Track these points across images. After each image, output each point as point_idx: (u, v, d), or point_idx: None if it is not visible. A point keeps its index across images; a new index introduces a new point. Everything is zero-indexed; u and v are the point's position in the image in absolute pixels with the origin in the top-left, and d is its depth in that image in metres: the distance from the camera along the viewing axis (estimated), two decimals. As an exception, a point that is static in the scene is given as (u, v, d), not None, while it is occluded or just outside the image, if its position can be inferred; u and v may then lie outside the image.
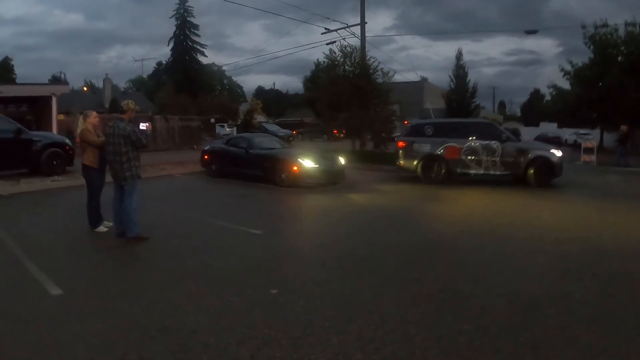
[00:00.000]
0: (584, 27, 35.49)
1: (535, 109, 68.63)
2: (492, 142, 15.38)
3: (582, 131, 42.19)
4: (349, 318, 4.92)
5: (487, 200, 13.24)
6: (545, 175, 15.30)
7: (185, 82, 54.20)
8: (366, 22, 26.76)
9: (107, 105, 44.14)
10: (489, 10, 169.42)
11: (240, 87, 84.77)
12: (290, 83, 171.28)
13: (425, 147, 15.72)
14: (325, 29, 27.73)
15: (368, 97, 23.72)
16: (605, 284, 6.32)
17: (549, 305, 5.43)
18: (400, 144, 16.18)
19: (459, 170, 15.62)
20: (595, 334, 4.71)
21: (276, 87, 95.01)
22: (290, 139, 36.89)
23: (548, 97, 49.51)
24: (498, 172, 15.45)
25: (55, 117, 23.88)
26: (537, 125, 65.35)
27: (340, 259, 7.24)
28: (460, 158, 15.47)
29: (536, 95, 79.99)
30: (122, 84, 77.35)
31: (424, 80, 61.47)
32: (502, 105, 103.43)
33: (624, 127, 24.21)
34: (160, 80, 62.74)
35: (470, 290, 5.88)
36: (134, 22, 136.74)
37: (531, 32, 30.24)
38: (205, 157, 17.33)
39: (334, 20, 52.53)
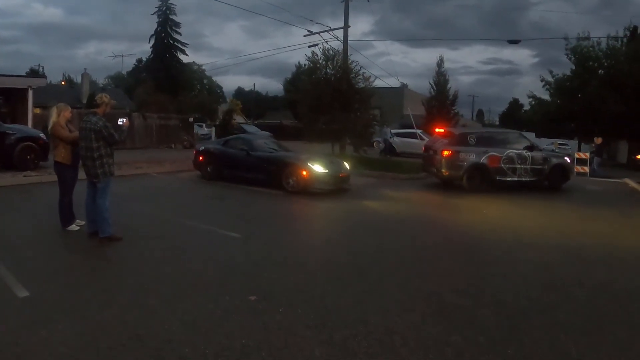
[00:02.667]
0: (566, 39, 36.01)
1: (514, 118, 69.33)
2: (524, 151, 16.49)
3: (559, 141, 42.69)
4: (332, 327, 4.72)
5: (471, 207, 13.18)
6: (562, 180, 17.29)
7: (165, 80, 53.59)
8: (349, 26, 26.74)
9: (84, 101, 43.33)
10: (466, 19, 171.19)
11: (220, 88, 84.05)
12: (268, 85, 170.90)
13: (471, 157, 15.87)
14: (308, 31, 27.70)
15: (349, 101, 23.59)
16: (592, 294, 6.27)
17: (537, 316, 5.34)
18: (446, 153, 15.88)
19: (497, 178, 16.16)
20: (585, 345, 4.63)
21: (256, 89, 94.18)
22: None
23: (527, 107, 50.12)
24: (528, 179, 16.53)
25: (31, 110, 23.38)
26: (515, 134, 65.75)
27: (322, 265, 7.06)
28: (500, 166, 16.07)
29: (515, 104, 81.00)
30: (101, 80, 76.25)
31: (404, 86, 61.65)
32: (480, 113, 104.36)
33: (598, 140, 24.70)
34: (139, 78, 61.84)
35: (456, 300, 5.75)
36: (114, 18, 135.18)
37: (514, 41, 30.62)
38: (200, 158, 16.34)
39: (317, 23, 52.50)
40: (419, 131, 31.91)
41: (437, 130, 18.96)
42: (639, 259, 8.29)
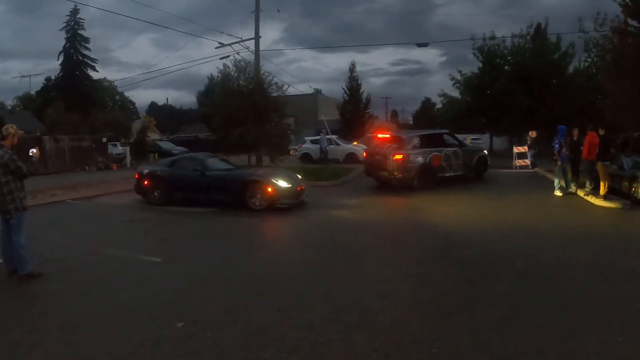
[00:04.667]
0: (473, 39, 37.60)
1: (427, 117, 71.04)
2: (456, 148, 18.56)
3: (472, 136, 44.27)
4: (261, 346, 4.84)
5: (409, 206, 14.19)
6: (484, 170, 20.07)
7: (76, 99, 51.54)
8: (260, 37, 26.88)
9: (-9, 126, 41.38)
10: (374, 22, 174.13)
11: (133, 103, 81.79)
12: (181, 97, 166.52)
13: (419, 158, 17.19)
14: (219, 43, 27.63)
15: (263, 112, 23.73)
16: (510, 286, 6.67)
17: (459, 312, 5.67)
18: (398, 157, 16.86)
19: (439, 175, 17.68)
20: (506, 336, 4.96)
21: (169, 103, 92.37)
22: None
23: (439, 105, 51.77)
24: (461, 173, 18.51)
25: None
26: (429, 132, 67.29)
27: (245, 282, 7.13)
28: (441, 164, 17.74)
29: (428, 103, 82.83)
30: (9, 101, 72.43)
31: (317, 92, 62.37)
32: (394, 114, 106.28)
33: (533, 133, 25.68)
34: (49, 97, 59.32)
35: (379, 304, 5.98)
36: (18, 35, 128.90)
37: (422, 44, 31.81)
38: (145, 182, 15.09)
39: (228, 34, 52.12)
40: (333, 137, 32.26)
41: (379, 135, 20.37)
42: (553, 245, 9.02)
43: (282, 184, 13.52)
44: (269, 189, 13.28)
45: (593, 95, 29.82)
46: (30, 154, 7.70)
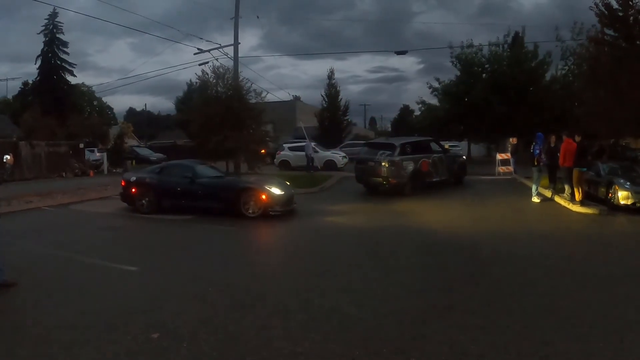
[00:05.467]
0: (450, 47, 38.04)
1: (405, 124, 71.41)
2: (441, 154, 19.73)
3: (450, 143, 44.62)
4: (238, 356, 4.79)
5: (374, 212, 13.96)
6: (463, 175, 21.52)
7: (53, 104, 50.90)
8: (239, 43, 26.80)
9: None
10: (352, 30, 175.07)
11: (111, 109, 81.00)
12: (160, 103, 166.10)
13: (411, 165, 17.91)
14: (198, 49, 27.45)
15: (241, 119, 23.66)
16: (488, 293, 6.71)
17: (437, 320, 5.66)
18: (392, 163, 17.39)
19: (427, 180, 18.54)
20: (484, 344, 4.95)
21: (147, 108, 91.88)
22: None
23: (417, 112, 52.12)
24: (445, 178, 19.53)
25: None
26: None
27: (222, 292, 7.04)
28: (428, 170, 18.60)
29: (406, 110, 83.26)
30: (-16, 106, 71.58)
31: (296, 99, 62.49)
32: (373, 121, 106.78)
33: (513, 140, 26.14)
34: (26, 102, 58.60)
35: (357, 313, 5.95)
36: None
37: (401, 52, 32.01)
38: (133, 190, 14.70)
39: (206, 40, 51.81)
40: (312, 143, 32.15)
41: (369, 142, 21.54)
42: (530, 251, 9.14)
43: (276, 191, 13.52)
44: (263, 196, 13.25)
45: (569, 102, 30.17)
46: (5, 160, 7.58)
